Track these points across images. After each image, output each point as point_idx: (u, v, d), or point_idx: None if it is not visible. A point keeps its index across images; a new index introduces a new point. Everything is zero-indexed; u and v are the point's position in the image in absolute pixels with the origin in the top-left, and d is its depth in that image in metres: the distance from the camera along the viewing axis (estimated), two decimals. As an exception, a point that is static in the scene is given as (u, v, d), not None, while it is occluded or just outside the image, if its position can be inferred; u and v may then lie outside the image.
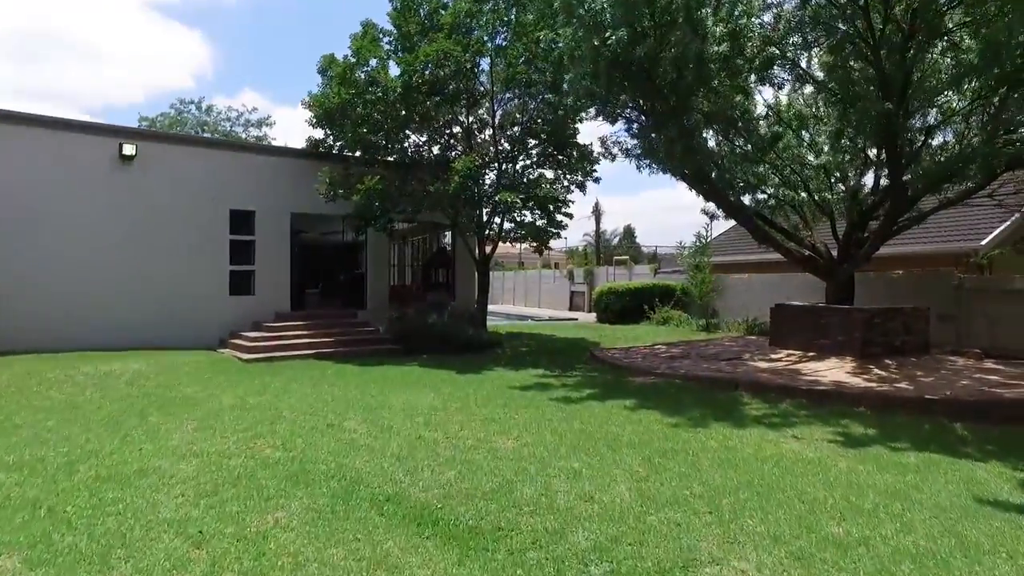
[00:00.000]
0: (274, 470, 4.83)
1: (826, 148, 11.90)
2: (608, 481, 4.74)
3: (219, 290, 14.44)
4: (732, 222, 15.86)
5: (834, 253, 12.84)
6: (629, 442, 5.97)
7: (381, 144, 14.70)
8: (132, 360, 11.02)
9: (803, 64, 9.58)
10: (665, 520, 3.98)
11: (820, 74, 10.31)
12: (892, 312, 11.79)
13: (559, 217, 15.78)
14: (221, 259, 14.48)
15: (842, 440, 6.37)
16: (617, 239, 56.58)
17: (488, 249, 16.08)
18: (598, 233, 43.72)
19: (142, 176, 13.47)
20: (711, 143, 12.51)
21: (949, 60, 9.61)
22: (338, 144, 15.29)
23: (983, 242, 14.71)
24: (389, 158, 15.23)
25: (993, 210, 15.41)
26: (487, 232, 15.47)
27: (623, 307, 21.14)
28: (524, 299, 34.11)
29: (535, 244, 16.62)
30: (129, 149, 13.03)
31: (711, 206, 14.17)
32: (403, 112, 14.02)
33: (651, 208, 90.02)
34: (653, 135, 10.52)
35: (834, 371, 10.36)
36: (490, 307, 32.54)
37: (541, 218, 15.94)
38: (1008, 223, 15.03)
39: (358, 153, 14.98)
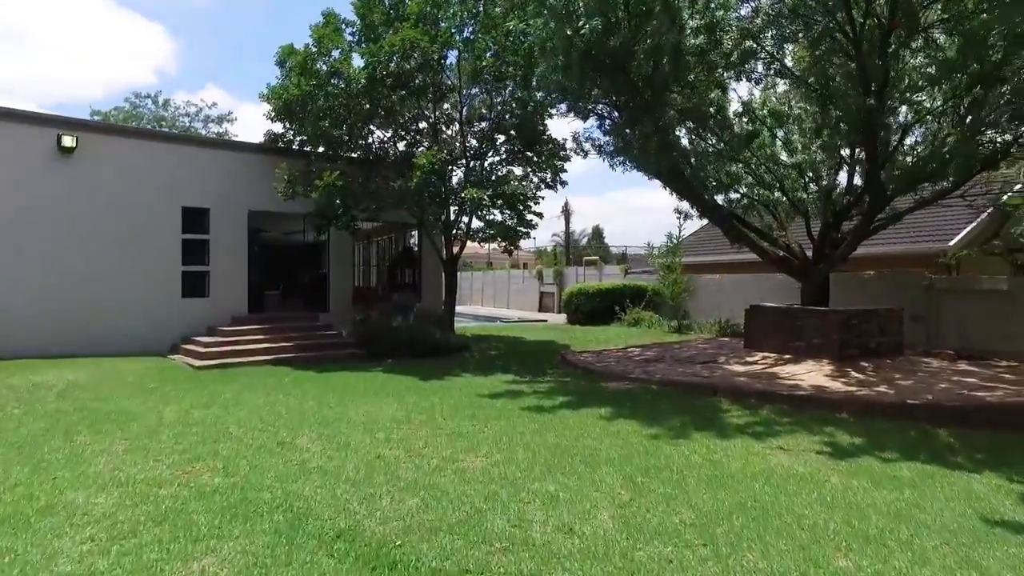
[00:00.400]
0: (210, 501, 4.22)
1: (800, 147, 11.71)
2: (588, 507, 4.27)
3: (171, 292, 13.58)
4: (703, 222, 15.63)
5: (808, 254, 12.67)
6: (608, 458, 5.51)
7: (344, 139, 14.03)
8: (69, 369, 10.17)
9: (781, 59, 9.29)
10: (655, 556, 3.52)
11: (797, 71, 10.05)
12: (867, 314, 11.65)
13: (529, 216, 15.35)
14: (173, 259, 13.62)
15: (830, 451, 6.04)
16: (586, 239, 56.48)
17: (456, 249, 15.53)
18: (567, 233, 43.39)
19: (85, 170, 12.55)
20: (684, 141, 12.23)
21: (923, 58, 9.47)
22: (298, 139, 14.57)
23: (951, 243, 14.77)
24: (353, 154, 14.58)
25: (960, 211, 15.52)
26: (454, 231, 14.92)
27: (593, 308, 20.81)
28: (493, 300, 33.62)
29: (504, 244, 16.14)
30: (69, 141, 12.10)
31: (685, 205, 13.90)
32: (367, 106, 13.37)
33: (618, 210, 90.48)
34: (627, 130, 10.13)
35: (812, 374, 10.13)
36: (458, 308, 31.99)
37: (510, 217, 15.49)
38: (974, 224, 15.13)
39: (320, 149, 14.27)
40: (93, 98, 66.75)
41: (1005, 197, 13.44)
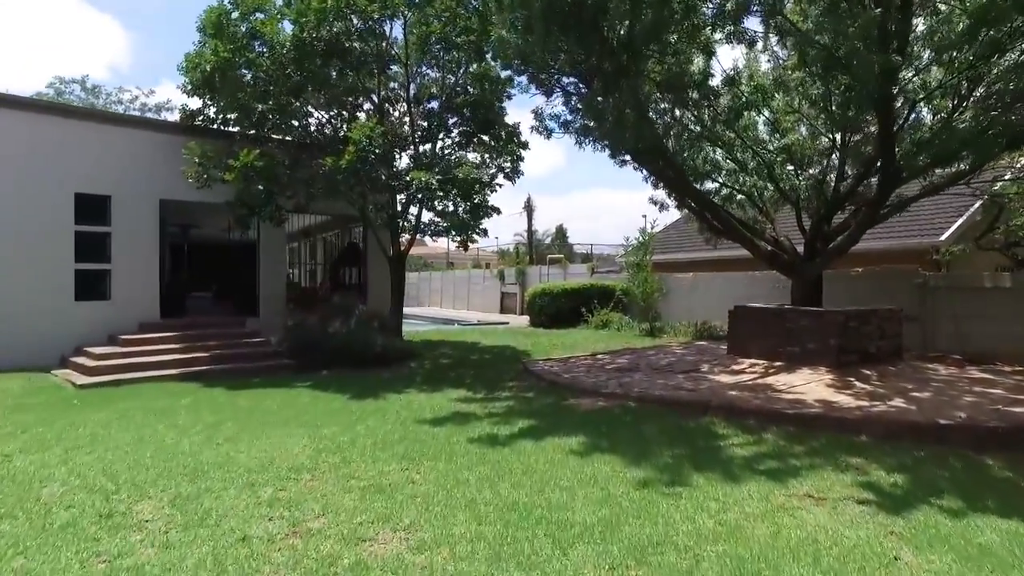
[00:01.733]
0: None
1: (791, 126, 10.30)
2: (559, 644, 2.62)
3: (60, 294, 11.43)
4: (678, 216, 14.14)
5: (800, 248, 11.31)
6: (585, 527, 3.87)
7: (270, 117, 12.08)
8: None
9: (782, 11, 7.80)
10: None
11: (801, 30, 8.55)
12: (867, 315, 10.32)
13: (485, 209, 13.73)
14: (63, 255, 11.48)
15: (874, 499, 4.54)
16: (549, 239, 55.08)
17: (404, 244, 13.77)
18: (530, 230, 41.64)
19: (-57, 147, 10.38)
20: (659, 123, 10.73)
21: (937, 19, 8.13)
22: (220, 117, 12.55)
23: (942, 237, 13.68)
24: (287, 138, 12.67)
25: (948, 204, 14.52)
26: (402, 224, 13.13)
27: (558, 310, 19.25)
28: (452, 301, 31.84)
29: (459, 239, 14.45)
30: (-85, 109, 9.92)
31: (660, 194, 12.40)
32: (296, 77, 11.49)
33: (582, 210, 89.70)
34: (600, 99, 8.54)
35: (812, 385, 8.72)
36: (416, 310, 30.07)
37: (466, 210, 13.84)
38: (964, 218, 14.09)
39: (251, 132, 12.22)
40: (41, 92, 62.18)
41: (998, 185, 12.39)
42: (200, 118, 12.49)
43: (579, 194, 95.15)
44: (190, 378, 10.15)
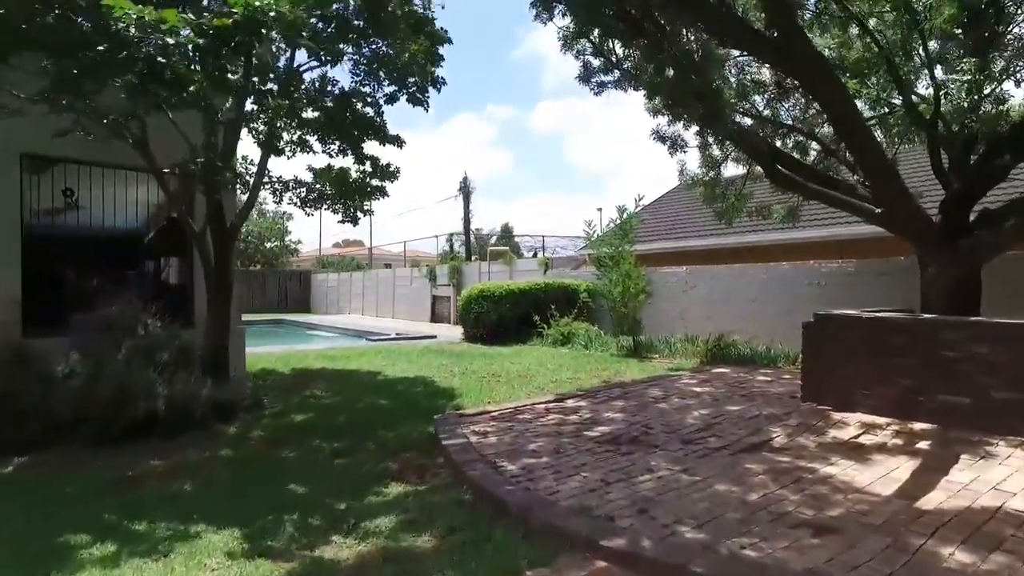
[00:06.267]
0: None
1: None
2: None
3: None
4: (695, 166, 8.89)
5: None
6: None
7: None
8: None
9: None
10: None
11: None
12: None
13: (376, 129, 8.30)
14: None
15: None
16: (495, 239, 49.76)
17: (236, 207, 8.15)
18: (467, 217, 35.47)
19: None
20: None
21: None
22: None
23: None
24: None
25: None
26: (225, 172, 7.36)
27: (501, 318, 13.94)
28: (376, 307, 26.07)
29: (342, 207, 9.02)
30: None
31: (668, 124, 7.19)
32: None
33: (527, 217, 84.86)
34: None
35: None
36: (332, 319, 23.95)
37: (341, 147, 8.40)
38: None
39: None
40: None
41: None
42: None
43: (527, 199, 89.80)
44: None
